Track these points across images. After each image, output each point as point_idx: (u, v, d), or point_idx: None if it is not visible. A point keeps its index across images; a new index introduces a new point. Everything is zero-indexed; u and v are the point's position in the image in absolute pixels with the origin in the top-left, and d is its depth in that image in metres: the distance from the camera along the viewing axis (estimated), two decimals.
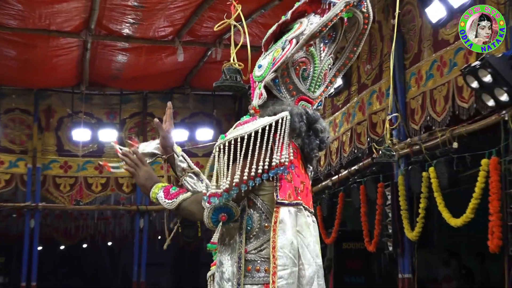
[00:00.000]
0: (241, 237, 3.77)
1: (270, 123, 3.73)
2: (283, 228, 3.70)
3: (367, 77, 10.84)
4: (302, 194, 3.89)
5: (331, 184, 11.99)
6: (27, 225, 15.48)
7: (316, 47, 4.03)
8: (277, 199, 3.72)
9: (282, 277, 3.61)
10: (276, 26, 4.02)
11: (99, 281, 24.37)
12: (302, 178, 3.94)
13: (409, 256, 9.48)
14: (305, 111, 3.87)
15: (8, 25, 11.96)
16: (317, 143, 3.92)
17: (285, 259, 3.65)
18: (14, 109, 15.73)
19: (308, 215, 3.89)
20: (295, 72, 3.96)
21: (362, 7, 3.98)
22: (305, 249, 3.77)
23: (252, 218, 3.80)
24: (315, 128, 3.90)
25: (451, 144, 8.28)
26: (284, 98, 3.95)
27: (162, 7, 11.27)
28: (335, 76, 4.23)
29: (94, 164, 15.88)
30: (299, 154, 3.92)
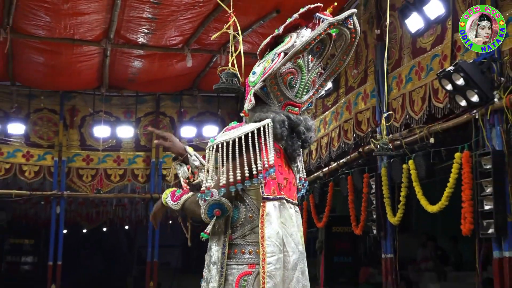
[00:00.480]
0: (227, 226, 3.86)
1: (252, 130, 3.81)
2: (270, 220, 3.79)
3: (353, 80, 10.83)
4: (285, 189, 3.98)
5: (322, 175, 12.00)
6: (53, 211, 15.48)
7: (304, 59, 4.09)
8: (263, 195, 3.82)
9: (271, 262, 3.72)
10: (270, 37, 4.07)
11: (117, 261, 24.36)
12: (285, 174, 4.02)
13: (391, 238, 9.48)
14: (288, 117, 3.95)
15: (37, 35, 11.96)
16: (299, 144, 4.01)
17: (272, 247, 3.75)
18: (43, 109, 15.72)
19: (291, 207, 3.99)
20: (283, 81, 4.01)
21: (348, 24, 4.01)
22: (289, 238, 3.86)
23: (239, 209, 3.89)
24: (297, 131, 3.99)
25: (428, 140, 8.29)
26: (271, 103, 4.03)
27: (173, 19, 11.26)
28: (326, 80, 4.28)
29: (113, 157, 15.90)
30: (282, 154, 3.98)
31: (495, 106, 7.06)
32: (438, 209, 8.02)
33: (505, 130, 6.97)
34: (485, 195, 7.11)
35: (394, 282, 9.39)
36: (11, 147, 15.23)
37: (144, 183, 16.01)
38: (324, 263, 13.26)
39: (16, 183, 15.39)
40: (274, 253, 3.76)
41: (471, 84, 7.07)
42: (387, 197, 9.37)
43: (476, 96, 7.16)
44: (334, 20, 3.92)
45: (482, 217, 7.12)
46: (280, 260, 3.78)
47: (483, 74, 7.08)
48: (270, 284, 3.71)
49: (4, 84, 15.12)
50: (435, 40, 8.43)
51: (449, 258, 12.89)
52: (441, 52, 8.22)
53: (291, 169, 4.12)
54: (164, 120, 16.21)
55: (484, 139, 7.27)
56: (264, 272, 3.71)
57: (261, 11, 10.71)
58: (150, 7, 10.81)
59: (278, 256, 3.76)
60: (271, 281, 3.71)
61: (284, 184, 3.98)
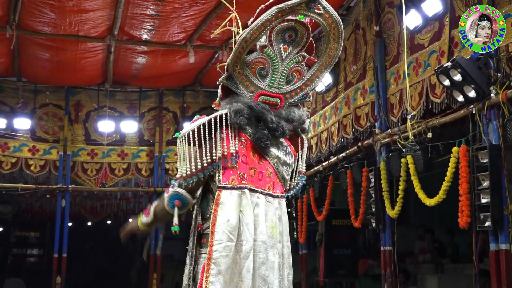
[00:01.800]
0: (198, 218, 3.98)
1: (203, 122, 3.85)
2: (222, 208, 3.84)
3: (352, 76, 10.83)
4: (252, 178, 3.97)
5: (322, 169, 12.00)
6: (59, 204, 15.49)
7: (274, 48, 4.04)
8: (219, 183, 3.88)
9: (217, 250, 3.76)
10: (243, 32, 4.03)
11: (121, 253, 24.38)
12: (253, 164, 4.00)
13: (389, 231, 9.48)
14: (249, 107, 3.92)
15: (42, 31, 11.97)
16: (265, 132, 3.96)
17: (220, 235, 3.79)
18: (48, 104, 15.73)
19: (258, 197, 3.96)
20: (251, 71, 4.00)
21: (316, 9, 3.95)
22: (245, 227, 3.84)
23: (208, 200, 3.94)
24: (264, 119, 3.95)
25: (426, 134, 8.29)
26: (242, 94, 4.01)
27: (176, 16, 11.26)
28: (320, 71, 4.21)
29: (117, 151, 15.92)
30: (249, 144, 3.97)
31: (491, 101, 7.06)
32: (435, 203, 8.02)
33: (501, 125, 6.96)
34: (482, 189, 7.11)
35: (393, 274, 9.39)
36: (17, 142, 15.25)
37: (147, 177, 16.03)
38: (324, 255, 13.27)
39: (22, 177, 15.40)
40: (222, 241, 3.78)
41: (468, 80, 7.07)
42: (385, 191, 9.37)
43: (473, 91, 7.16)
44: (283, 5, 3.87)
45: (479, 210, 7.13)
46: (228, 248, 3.78)
47: (480, 70, 7.08)
48: (214, 270, 3.74)
49: (10, 80, 15.15)
50: (432, 37, 8.43)
51: (446, 251, 12.91)
52: (438, 48, 8.22)
53: (265, 159, 4.08)
54: (167, 115, 16.21)
55: (481, 133, 7.27)
56: (210, 259, 3.76)
57: None
58: (153, 4, 10.81)
59: (226, 244, 3.77)
60: (215, 267, 3.75)
61: (250, 174, 3.96)
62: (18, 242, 20.79)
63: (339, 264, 13.15)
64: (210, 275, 3.73)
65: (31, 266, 20.38)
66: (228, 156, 3.85)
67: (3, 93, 15.30)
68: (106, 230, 24.13)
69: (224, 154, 3.85)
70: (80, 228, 22.12)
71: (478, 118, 7.30)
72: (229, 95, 4.08)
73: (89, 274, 21.64)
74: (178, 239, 21.95)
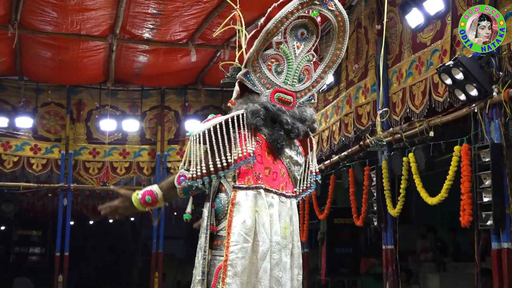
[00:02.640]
0: (211, 216, 3.91)
1: (221, 122, 3.82)
2: (238, 209, 3.82)
3: (354, 75, 10.83)
4: (267, 178, 3.95)
5: (323, 167, 11.99)
6: (60, 203, 15.50)
7: (288, 45, 4.05)
8: (235, 184, 3.86)
9: (233, 251, 3.73)
10: (255, 31, 4.05)
11: (123, 252, 24.41)
12: (268, 164, 3.98)
13: (391, 230, 9.48)
14: (264, 107, 3.90)
15: (44, 30, 11.97)
16: (281, 133, 3.94)
17: (236, 236, 3.76)
18: (50, 103, 15.73)
19: (273, 197, 3.95)
20: (268, 67, 3.99)
21: (329, 5, 3.99)
22: (261, 227, 3.83)
23: (221, 201, 3.89)
24: (279, 121, 3.94)
25: (428, 133, 8.29)
26: (259, 91, 4.00)
27: (178, 15, 11.25)
28: (325, 72, 4.23)
29: (119, 150, 15.92)
30: (264, 144, 3.96)
31: (493, 100, 7.06)
32: (437, 201, 8.02)
33: (503, 124, 6.96)
34: (483, 187, 7.11)
35: (394, 273, 9.40)
36: (19, 141, 15.25)
37: (149, 176, 16.03)
38: (325, 254, 13.28)
39: (24, 175, 15.40)
40: (238, 243, 3.75)
41: (470, 79, 7.07)
42: (387, 190, 9.37)
43: (475, 90, 7.16)
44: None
45: (481, 209, 7.13)
46: (244, 249, 3.76)
47: (482, 68, 7.08)
48: (231, 272, 3.72)
49: (12, 79, 15.16)
50: (435, 35, 8.43)
51: (448, 249, 12.91)
52: (440, 47, 8.22)
53: (279, 159, 4.08)
54: (169, 114, 16.20)
55: (483, 132, 7.27)
56: (226, 261, 3.73)
57: (265, 6, 10.63)
58: (155, 3, 10.81)
59: (242, 245, 3.76)
60: (232, 269, 3.72)
61: (265, 174, 3.95)
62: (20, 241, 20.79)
63: (341, 263, 13.16)
64: (227, 276, 3.71)
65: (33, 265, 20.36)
66: (246, 157, 3.83)
67: (5, 92, 15.31)
68: (107, 229, 24.13)
69: (242, 155, 3.83)
70: (82, 226, 22.12)
71: (480, 116, 7.30)
72: (244, 93, 4.07)
73: (91, 272, 21.65)
74: (179, 238, 22.04)
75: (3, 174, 15.19)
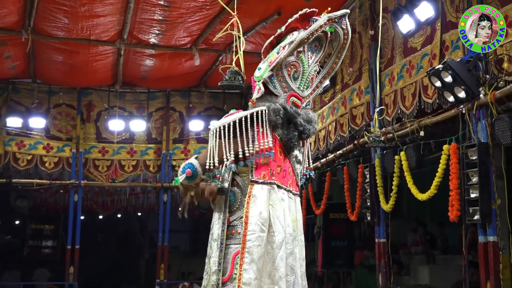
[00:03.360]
0: (226, 208, 3.98)
1: (246, 115, 3.87)
2: (255, 201, 3.89)
3: (349, 78, 10.82)
4: (279, 175, 4.03)
5: (320, 165, 11.99)
6: (71, 199, 15.50)
7: (305, 54, 4.17)
8: (252, 178, 3.96)
9: (250, 239, 3.83)
10: (273, 37, 4.16)
11: (130, 245, 24.41)
12: (280, 162, 4.08)
13: (384, 224, 9.48)
14: (284, 108, 3.99)
15: (56, 36, 11.96)
16: (295, 134, 4.03)
17: (253, 226, 3.85)
18: (61, 104, 15.72)
19: (283, 193, 4.01)
20: (288, 72, 4.09)
21: (342, 24, 4.25)
22: (276, 219, 3.91)
23: (235, 194, 3.97)
24: (295, 122, 4.04)
25: (418, 133, 8.28)
26: (278, 93, 4.08)
27: (182, 21, 11.25)
28: (321, 81, 4.37)
29: (127, 149, 15.92)
30: (277, 143, 3.99)
31: (480, 102, 7.05)
32: (427, 197, 8.02)
33: (489, 124, 6.95)
34: (471, 184, 7.10)
35: (387, 264, 9.39)
36: (32, 140, 15.25)
37: (155, 173, 16.04)
38: (322, 247, 13.29)
39: (37, 173, 15.40)
40: (255, 232, 3.84)
41: (458, 81, 7.07)
42: (380, 186, 9.36)
43: (463, 92, 7.15)
44: (332, 15, 4.05)
45: (468, 205, 7.12)
46: (261, 238, 3.84)
47: (470, 72, 7.07)
48: (248, 259, 3.80)
49: (26, 82, 15.15)
50: (425, 40, 8.42)
51: (437, 243, 12.90)
52: (430, 51, 8.21)
53: (288, 159, 4.13)
54: (174, 114, 16.19)
55: (471, 132, 7.26)
56: (244, 248, 3.80)
57: (264, 13, 10.69)
58: (161, 10, 10.80)
59: (259, 234, 3.84)
60: (249, 256, 3.81)
61: (277, 171, 4.02)
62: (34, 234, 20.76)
63: (336, 255, 13.17)
64: (244, 263, 3.79)
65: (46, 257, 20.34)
66: (267, 150, 3.88)
67: (19, 94, 15.30)
68: (116, 223, 24.15)
69: (264, 148, 3.87)
70: (91, 221, 22.13)
71: (467, 117, 7.30)
72: (263, 94, 4.12)
73: (100, 264, 21.65)
74: (184, 232, 22.05)
75: (17, 172, 15.21)
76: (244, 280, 3.77)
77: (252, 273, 3.77)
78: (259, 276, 3.81)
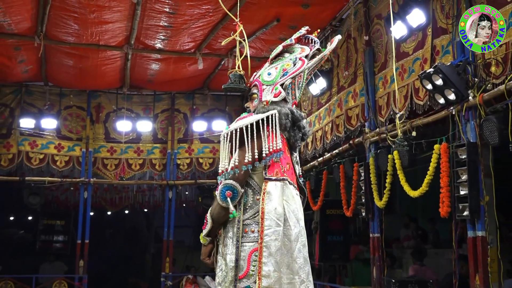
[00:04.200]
0: (240, 208, 3.94)
1: (262, 118, 3.90)
2: (270, 197, 3.92)
3: (344, 81, 10.81)
4: (288, 172, 4.10)
5: (317, 164, 11.99)
6: (81, 196, 15.49)
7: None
8: (266, 175, 3.96)
9: (267, 234, 3.85)
10: (282, 46, 4.28)
11: (137, 240, 24.40)
12: (288, 161, 4.14)
13: (378, 220, 9.48)
14: (291, 111, 4.09)
15: (67, 41, 11.96)
16: (300, 135, 4.15)
17: (269, 221, 3.87)
18: (72, 106, 15.72)
19: (293, 189, 4.05)
20: (295, 82, 4.18)
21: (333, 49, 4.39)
22: (291, 213, 3.96)
23: (247, 193, 3.96)
24: (298, 125, 4.16)
25: (410, 133, 8.28)
26: (288, 99, 4.20)
27: (186, 27, 11.25)
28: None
29: (134, 148, 15.93)
30: (285, 143, 4.06)
31: (469, 103, 7.06)
32: (419, 194, 8.01)
33: (478, 125, 6.95)
34: (460, 182, 7.10)
35: (380, 258, 9.39)
36: (44, 140, 15.26)
37: (160, 171, 16.03)
38: (319, 242, 13.27)
39: (49, 171, 15.39)
40: (271, 227, 3.86)
41: (448, 84, 7.06)
42: (374, 184, 9.36)
43: (453, 94, 7.15)
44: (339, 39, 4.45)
45: (458, 201, 7.12)
46: (277, 232, 3.87)
47: (459, 75, 7.07)
48: (266, 253, 3.82)
49: (38, 84, 15.15)
50: (416, 45, 8.42)
51: (429, 237, 12.90)
52: (421, 56, 8.20)
53: (291, 158, 4.22)
54: (179, 116, 16.19)
55: (460, 132, 7.27)
56: (262, 243, 3.80)
57: (264, 20, 10.69)
58: (166, 17, 10.80)
59: (275, 229, 3.86)
60: (267, 250, 3.83)
61: (286, 168, 4.07)
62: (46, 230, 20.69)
63: (333, 250, 13.16)
64: (263, 257, 3.82)
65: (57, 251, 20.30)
66: (278, 151, 3.92)
67: (32, 96, 15.30)
68: (123, 219, 24.15)
69: (276, 149, 3.95)
70: (100, 217, 22.12)
71: (457, 118, 7.31)
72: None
73: (108, 258, 21.64)
74: (188, 227, 22.02)
75: (30, 170, 15.21)
76: (263, 272, 3.80)
77: (271, 265, 3.81)
78: (277, 268, 3.84)
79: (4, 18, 10.76)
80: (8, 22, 10.96)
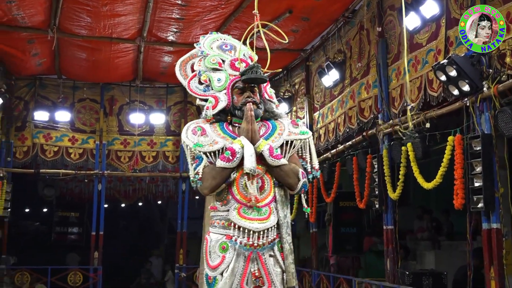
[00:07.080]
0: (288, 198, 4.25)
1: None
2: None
3: (357, 72, 10.74)
4: None
5: (330, 156, 11.94)
6: (95, 188, 15.57)
7: None
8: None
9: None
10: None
11: (151, 231, 24.50)
12: None
13: (391, 211, 9.42)
14: None
15: (80, 34, 11.99)
16: None
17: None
18: (85, 99, 15.79)
19: None
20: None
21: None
22: None
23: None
24: None
25: (424, 125, 8.21)
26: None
27: (198, 19, 11.22)
28: None
29: (147, 141, 15.97)
30: None
31: (484, 95, 6.98)
32: (433, 186, 7.95)
33: (493, 116, 6.89)
34: (475, 174, 7.04)
35: (394, 250, 9.35)
36: (58, 132, 15.33)
37: (174, 163, 16.08)
38: (332, 233, 13.27)
39: (63, 163, 15.49)
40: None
41: (462, 75, 7.00)
42: (387, 176, 9.31)
43: (467, 85, 7.08)
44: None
45: (472, 193, 7.06)
46: None
47: (473, 66, 7.00)
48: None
49: (52, 78, 15.22)
50: (430, 36, 8.34)
51: (443, 229, 12.83)
52: (435, 47, 8.13)
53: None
54: (191, 108, 16.19)
55: (475, 124, 7.19)
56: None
57: (276, 11, 10.63)
58: (178, 9, 10.78)
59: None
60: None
61: None
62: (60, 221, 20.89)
63: (346, 241, 13.16)
64: None
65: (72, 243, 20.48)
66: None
67: (45, 89, 15.38)
68: (137, 211, 24.26)
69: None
70: (114, 209, 22.23)
71: (471, 109, 7.24)
72: None
73: (122, 249, 21.75)
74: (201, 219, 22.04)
75: (45, 162, 15.28)
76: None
77: None
78: None
79: (17, 12, 10.79)
80: (21, 16, 10.98)
